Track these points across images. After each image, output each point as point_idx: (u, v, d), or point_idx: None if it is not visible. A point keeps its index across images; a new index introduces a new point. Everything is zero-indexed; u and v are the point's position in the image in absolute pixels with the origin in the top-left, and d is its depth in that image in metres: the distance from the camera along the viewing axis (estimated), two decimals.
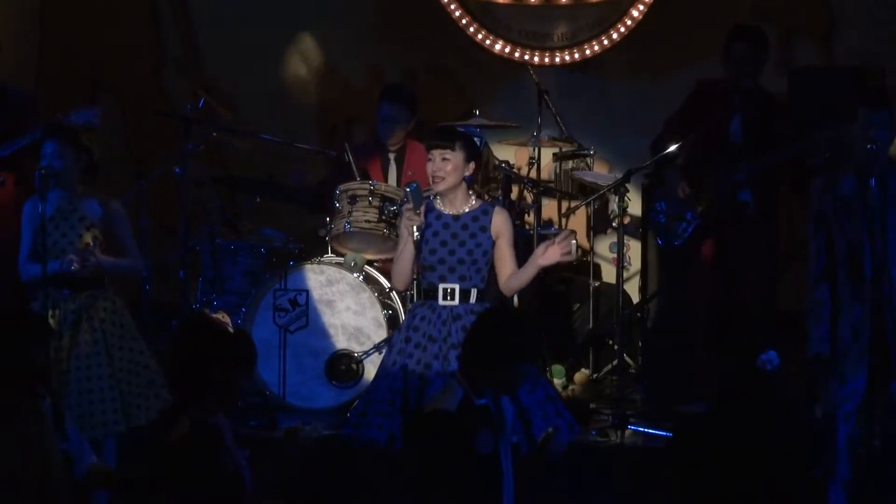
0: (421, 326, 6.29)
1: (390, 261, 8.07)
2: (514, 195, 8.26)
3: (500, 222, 6.28)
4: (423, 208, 6.26)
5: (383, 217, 7.82)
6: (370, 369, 7.76)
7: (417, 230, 6.23)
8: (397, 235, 7.82)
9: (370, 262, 8.01)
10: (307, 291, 7.85)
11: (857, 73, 8.69)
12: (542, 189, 8.50)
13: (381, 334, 7.76)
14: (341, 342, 7.83)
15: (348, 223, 7.82)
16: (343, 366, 7.81)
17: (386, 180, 8.30)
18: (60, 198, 6.77)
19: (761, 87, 7.84)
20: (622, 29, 9.59)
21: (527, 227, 8.27)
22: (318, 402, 7.83)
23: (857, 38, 9.41)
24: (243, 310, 7.89)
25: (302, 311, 7.85)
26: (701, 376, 7.85)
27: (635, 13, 9.56)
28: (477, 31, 9.72)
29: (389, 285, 7.96)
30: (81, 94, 9.70)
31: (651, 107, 9.22)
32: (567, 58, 9.70)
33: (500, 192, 8.19)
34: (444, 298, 6.27)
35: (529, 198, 8.30)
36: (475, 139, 6.42)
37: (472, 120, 8.35)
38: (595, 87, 9.70)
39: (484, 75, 9.74)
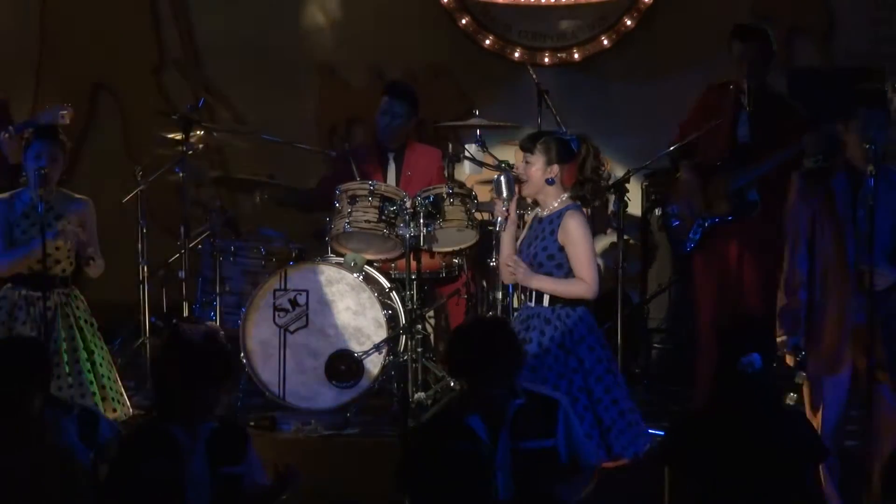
0: (515, 326, 6.27)
1: (390, 261, 8.11)
2: None
3: (566, 227, 6.18)
4: (513, 200, 6.28)
5: (383, 217, 7.82)
6: (370, 369, 7.78)
7: (503, 221, 6.27)
8: (397, 236, 7.84)
9: (370, 262, 8.00)
10: (307, 291, 7.85)
11: (857, 73, 8.69)
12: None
13: (380, 334, 7.76)
14: (341, 342, 7.83)
15: (348, 223, 7.82)
16: (343, 366, 7.81)
17: (385, 181, 8.30)
18: (36, 196, 6.75)
19: (769, 86, 7.84)
20: (622, 29, 9.59)
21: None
22: (318, 402, 7.82)
23: (857, 38, 9.42)
24: (243, 310, 7.89)
25: (302, 311, 7.85)
26: (702, 376, 7.85)
27: (635, 13, 9.56)
28: (477, 31, 9.72)
29: (389, 285, 7.96)
30: (81, 94, 9.71)
31: (651, 107, 9.23)
32: (567, 58, 9.70)
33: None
34: (528, 300, 6.29)
35: (529, 198, 8.29)
36: (569, 142, 6.35)
37: (472, 120, 8.35)
38: (595, 87, 9.70)
39: (484, 75, 9.74)
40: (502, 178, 6.32)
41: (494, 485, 5.21)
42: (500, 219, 6.32)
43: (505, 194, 6.29)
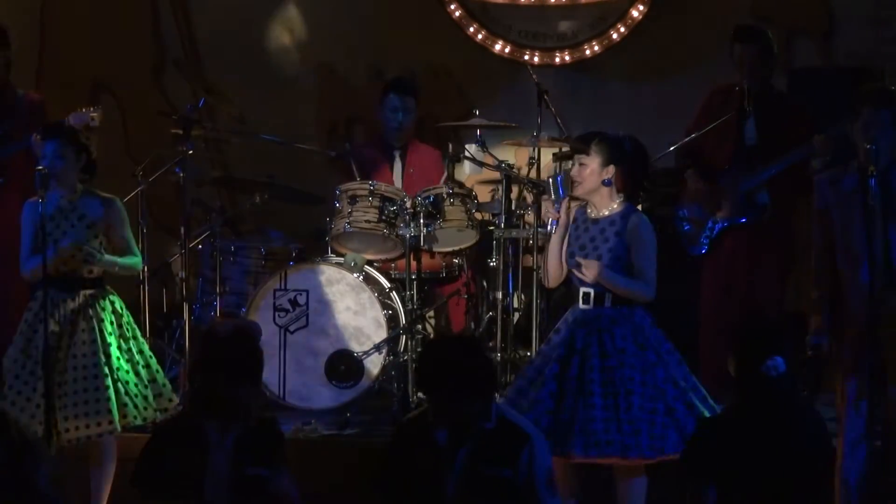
0: (562, 328, 6.26)
1: (390, 261, 8.11)
2: (514, 195, 8.26)
3: (636, 229, 6.18)
4: (565, 202, 6.26)
5: (383, 217, 7.82)
6: (370, 369, 7.78)
7: (552, 223, 6.25)
8: (397, 236, 7.85)
9: (370, 262, 8.01)
10: (307, 291, 7.85)
11: (857, 73, 8.70)
12: (542, 189, 8.49)
13: (380, 334, 7.76)
14: (341, 342, 7.83)
15: (348, 223, 7.82)
16: (343, 366, 7.81)
17: (391, 178, 8.30)
18: (60, 197, 6.79)
19: (773, 87, 7.84)
20: (622, 29, 9.59)
21: (527, 226, 8.26)
22: (318, 402, 7.83)
23: (857, 38, 9.41)
24: (243, 310, 7.89)
25: (302, 311, 7.85)
26: (705, 378, 7.85)
27: (635, 13, 9.56)
28: (477, 31, 9.72)
29: (389, 285, 7.96)
30: (81, 95, 9.70)
31: (651, 107, 9.22)
32: (567, 58, 9.70)
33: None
34: (584, 302, 6.24)
35: (529, 198, 8.29)
36: (623, 142, 6.34)
37: (472, 120, 8.35)
38: (595, 87, 9.70)
39: (484, 75, 9.74)
40: (558, 179, 6.30)
41: (444, 497, 5.22)
42: (551, 220, 6.28)
43: (555, 195, 6.28)
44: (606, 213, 6.26)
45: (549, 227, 6.30)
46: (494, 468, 5.23)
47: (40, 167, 6.67)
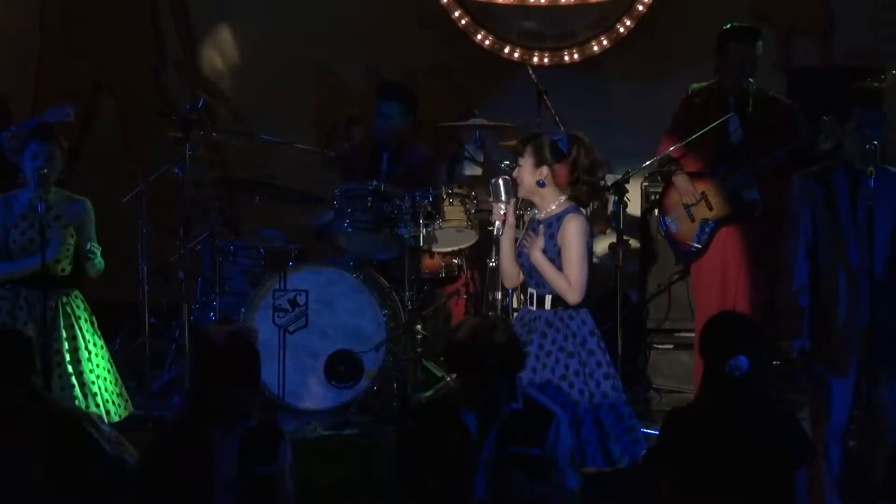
0: (516, 328, 6.21)
1: (390, 261, 8.11)
2: None
3: (565, 230, 6.12)
4: (511, 204, 6.24)
5: (383, 217, 7.83)
6: (370, 369, 7.78)
7: (501, 225, 6.24)
8: (397, 235, 7.85)
9: (370, 263, 8.01)
10: (307, 292, 7.85)
11: (855, 73, 8.70)
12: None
13: (380, 334, 7.77)
14: (341, 342, 7.83)
15: (348, 223, 7.83)
16: (342, 366, 7.82)
17: (378, 178, 8.30)
18: (35, 197, 6.77)
19: (757, 85, 7.85)
20: (622, 29, 9.59)
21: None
22: (317, 403, 7.83)
23: (857, 38, 9.42)
24: (243, 310, 7.90)
25: (301, 312, 7.86)
26: (699, 378, 7.85)
27: (635, 13, 9.56)
28: (477, 31, 9.72)
29: (389, 285, 7.97)
30: (81, 95, 9.71)
31: (650, 107, 9.22)
32: (567, 58, 9.70)
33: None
34: (529, 303, 6.24)
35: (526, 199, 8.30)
36: (557, 143, 6.30)
37: (472, 120, 8.36)
38: (595, 87, 9.70)
39: (484, 75, 9.74)
40: (500, 181, 6.27)
41: (475, 481, 5.21)
42: (497, 223, 6.27)
43: (503, 197, 6.26)
44: (544, 215, 6.23)
45: (496, 230, 6.27)
46: (524, 448, 5.23)
47: (39, 167, 6.68)
